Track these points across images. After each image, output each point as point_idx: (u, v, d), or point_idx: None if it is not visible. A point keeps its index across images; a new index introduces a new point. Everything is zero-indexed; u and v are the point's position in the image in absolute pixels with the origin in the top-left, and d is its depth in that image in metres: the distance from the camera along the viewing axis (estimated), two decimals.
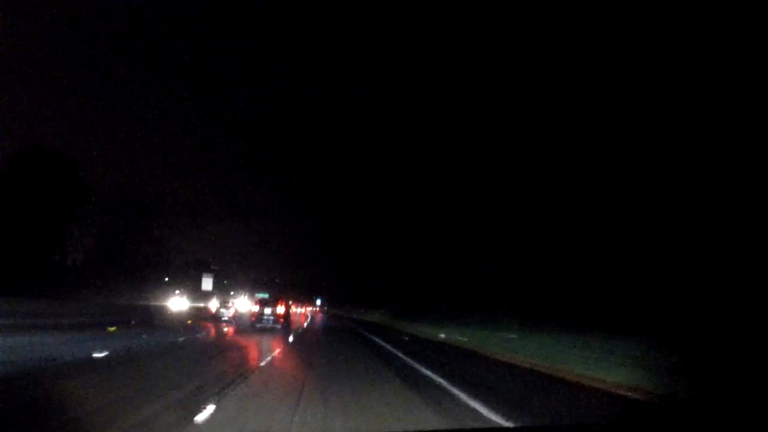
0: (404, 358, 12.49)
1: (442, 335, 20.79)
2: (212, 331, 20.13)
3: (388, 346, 16.31)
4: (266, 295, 30.69)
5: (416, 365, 10.66)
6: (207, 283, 73.55)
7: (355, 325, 35.95)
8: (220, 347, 13.60)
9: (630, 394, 7.52)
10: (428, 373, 9.37)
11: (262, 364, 9.84)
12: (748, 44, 12.59)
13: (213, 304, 34.17)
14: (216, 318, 29.24)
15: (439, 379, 8.51)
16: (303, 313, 62.64)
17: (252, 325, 22.70)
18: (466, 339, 17.86)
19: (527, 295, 19.03)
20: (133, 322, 21.97)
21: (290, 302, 43.08)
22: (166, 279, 56.37)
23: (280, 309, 23.20)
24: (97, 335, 14.32)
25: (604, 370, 9.00)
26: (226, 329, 21.61)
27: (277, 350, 13.08)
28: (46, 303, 22.94)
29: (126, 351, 10.85)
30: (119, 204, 47.13)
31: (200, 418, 5.01)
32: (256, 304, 24.65)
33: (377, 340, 19.86)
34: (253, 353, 12.43)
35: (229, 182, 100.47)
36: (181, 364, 9.52)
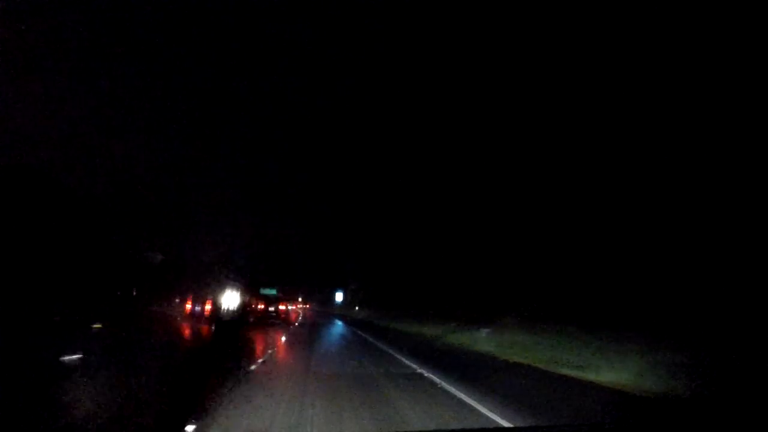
0: None
1: None
2: None
3: None
4: (274, 291, 35.44)
5: None
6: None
7: None
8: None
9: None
10: None
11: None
12: (748, 44, 12.62)
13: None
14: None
15: None
16: (294, 310, 51.97)
17: (258, 320, 29.28)
18: None
19: None
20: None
21: (299, 298, 56.82)
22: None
23: (281, 308, 32.74)
24: None
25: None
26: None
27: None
28: None
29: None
30: None
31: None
32: (261, 302, 31.26)
33: None
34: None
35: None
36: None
